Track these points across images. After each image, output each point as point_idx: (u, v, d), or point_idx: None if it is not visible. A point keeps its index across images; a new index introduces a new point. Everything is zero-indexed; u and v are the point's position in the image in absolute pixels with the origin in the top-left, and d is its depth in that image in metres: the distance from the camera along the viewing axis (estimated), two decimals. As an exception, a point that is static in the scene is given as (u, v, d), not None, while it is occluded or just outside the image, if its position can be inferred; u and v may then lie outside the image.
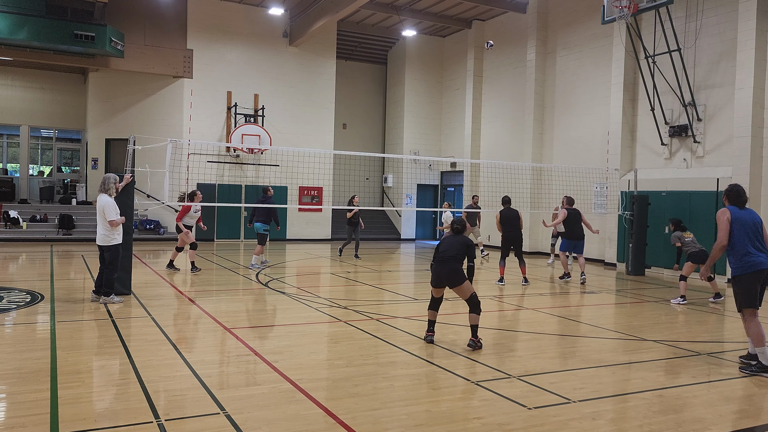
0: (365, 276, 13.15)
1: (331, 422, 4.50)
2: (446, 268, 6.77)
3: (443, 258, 6.83)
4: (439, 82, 24.96)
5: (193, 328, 7.89)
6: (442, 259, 6.84)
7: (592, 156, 17.67)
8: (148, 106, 21.03)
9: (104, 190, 8.88)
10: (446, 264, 6.79)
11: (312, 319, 8.59)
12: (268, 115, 21.49)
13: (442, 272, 6.80)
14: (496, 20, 21.68)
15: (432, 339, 6.95)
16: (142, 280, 11.24)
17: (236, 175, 21.33)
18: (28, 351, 6.28)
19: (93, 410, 4.69)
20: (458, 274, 6.75)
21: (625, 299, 11.25)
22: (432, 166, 24.88)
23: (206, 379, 5.44)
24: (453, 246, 6.86)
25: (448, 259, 6.79)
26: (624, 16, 13.86)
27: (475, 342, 6.72)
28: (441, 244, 7.02)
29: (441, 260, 6.85)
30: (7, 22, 16.97)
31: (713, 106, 14.49)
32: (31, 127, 25.48)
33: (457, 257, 6.79)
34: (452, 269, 6.75)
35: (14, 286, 10.43)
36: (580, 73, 18.33)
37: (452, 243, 6.90)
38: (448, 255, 6.81)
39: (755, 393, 5.72)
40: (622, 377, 6.01)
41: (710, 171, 14.46)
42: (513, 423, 4.60)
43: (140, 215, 20.09)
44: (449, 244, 6.90)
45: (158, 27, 20.33)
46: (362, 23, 23.09)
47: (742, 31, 13.47)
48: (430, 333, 7.00)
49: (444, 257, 6.83)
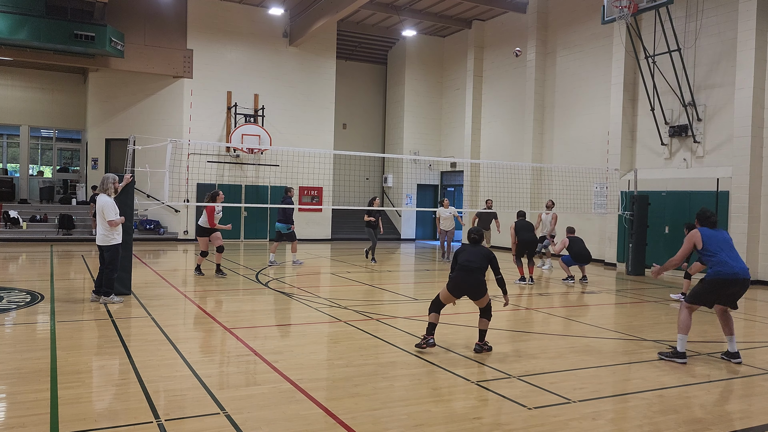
0: (365, 276, 13.14)
1: (331, 422, 4.50)
2: (473, 279, 6.51)
3: (468, 268, 6.53)
4: (439, 82, 24.96)
5: (193, 328, 7.89)
6: (468, 269, 6.53)
7: (592, 156, 17.67)
8: (148, 106, 21.03)
9: (103, 190, 8.90)
10: (472, 275, 6.51)
11: (312, 319, 8.59)
12: (268, 115, 21.49)
13: (468, 283, 6.52)
14: (496, 20, 21.68)
15: (433, 342, 6.58)
16: (142, 280, 11.24)
17: (236, 175, 21.33)
18: (28, 351, 6.28)
19: (93, 410, 4.69)
20: (483, 285, 6.55)
21: (625, 299, 11.26)
22: (432, 166, 24.88)
23: (206, 379, 5.44)
24: (476, 257, 6.58)
25: (474, 270, 6.52)
26: (624, 16, 13.85)
27: (482, 346, 6.58)
28: (461, 253, 6.70)
29: (466, 270, 6.54)
30: (7, 22, 16.97)
31: (713, 106, 14.48)
32: (31, 127, 25.49)
33: (482, 269, 6.57)
34: (479, 281, 6.52)
35: (14, 286, 10.43)
36: (580, 73, 18.32)
37: (474, 254, 6.62)
38: (473, 266, 6.52)
39: (755, 393, 5.73)
40: (622, 377, 6.01)
41: (710, 171, 14.46)
42: (513, 423, 4.60)
43: (140, 215, 20.09)
44: (472, 255, 6.61)
45: (158, 27, 20.33)
46: (362, 23, 23.10)
47: (742, 31, 13.47)
48: (430, 337, 6.59)
49: (469, 267, 6.53)
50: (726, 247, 6.43)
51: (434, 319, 6.67)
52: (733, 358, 6.55)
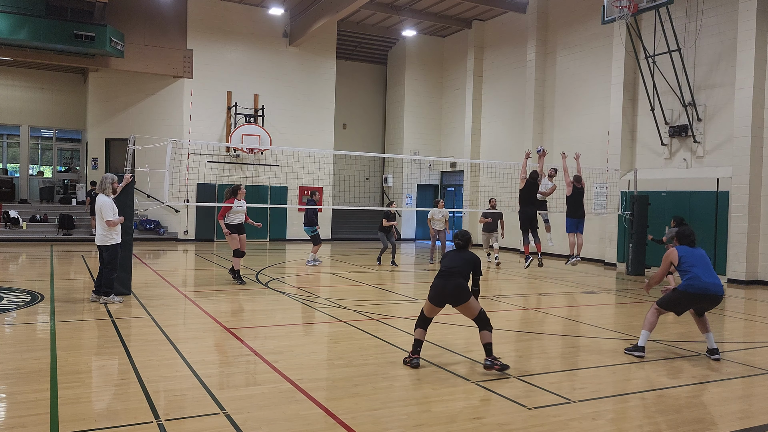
0: (365, 276, 13.15)
1: (331, 422, 4.50)
2: (451, 283, 6.00)
3: (448, 273, 6.08)
4: (439, 82, 24.95)
5: (193, 328, 7.88)
6: (447, 273, 6.08)
7: (592, 156, 17.65)
8: (148, 106, 21.02)
9: (101, 190, 8.92)
10: (451, 279, 6.03)
11: (312, 319, 8.60)
12: (268, 115, 21.49)
13: (447, 288, 6.01)
14: (496, 20, 21.68)
15: (418, 363, 6.02)
16: (142, 280, 11.24)
17: (236, 175, 21.32)
18: (28, 351, 6.28)
19: (93, 410, 4.69)
20: (464, 290, 6.00)
21: (625, 299, 11.26)
22: (432, 166, 24.88)
23: (206, 379, 5.44)
24: (458, 262, 6.15)
25: (454, 274, 6.05)
26: (624, 16, 13.85)
27: (493, 362, 5.89)
28: (444, 258, 6.34)
29: (445, 275, 6.09)
30: (7, 22, 16.97)
31: (713, 106, 14.48)
32: (31, 127, 25.48)
33: (462, 273, 6.09)
34: (457, 284, 6.00)
35: (14, 286, 10.43)
36: (580, 73, 18.32)
37: (457, 258, 6.20)
38: (453, 270, 6.08)
39: (755, 393, 5.73)
40: (622, 377, 6.01)
41: (710, 171, 14.46)
42: (513, 423, 4.60)
43: (140, 215, 20.08)
44: (454, 260, 6.20)
45: (158, 27, 20.33)
46: (362, 23, 23.09)
47: (742, 31, 13.47)
48: (415, 356, 6.05)
49: (449, 272, 6.08)
50: (701, 263, 6.63)
51: (420, 335, 6.16)
52: (711, 354, 6.66)
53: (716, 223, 14.13)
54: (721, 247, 13.94)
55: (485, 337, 5.96)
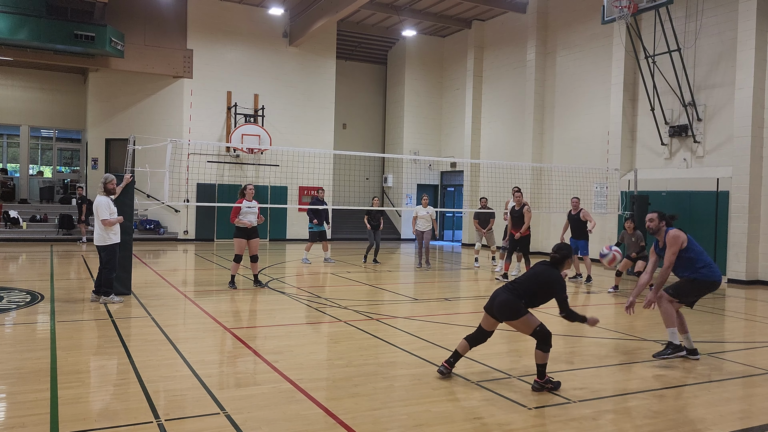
0: (365, 276, 13.14)
1: (331, 422, 4.50)
2: (499, 298, 5.47)
3: (511, 286, 5.54)
4: (439, 82, 24.96)
5: (193, 328, 7.88)
6: (509, 287, 5.54)
7: (592, 156, 17.67)
8: (148, 106, 21.03)
9: (99, 191, 8.99)
10: (502, 294, 5.48)
11: (312, 319, 8.60)
12: (268, 115, 21.49)
13: (494, 302, 5.50)
14: (496, 20, 21.68)
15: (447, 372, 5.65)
16: (142, 280, 11.24)
17: (236, 175, 21.33)
18: (28, 351, 6.28)
19: (93, 410, 4.68)
20: (510, 308, 5.37)
21: (625, 299, 11.23)
22: (432, 166, 24.88)
23: (206, 379, 5.44)
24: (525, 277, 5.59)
25: (512, 290, 5.47)
26: (624, 16, 13.85)
27: (542, 384, 5.32)
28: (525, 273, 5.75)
29: (506, 288, 5.55)
30: (7, 22, 16.97)
31: (713, 106, 14.49)
32: (31, 127, 25.50)
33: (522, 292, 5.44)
34: (504, 301, 5.42)
35: (14, 286, 10.43)
36: (580, 73, 18.33)
37: (529, 273, 5.63)
38: (515, 285, 5.53)
39: (755, 393, 5.73)
40: (622, 377, 6.01)
41: (710, 171, 14.46)
42: (513, 423, 4.60)
43: (140, 215, 20.09)
44: (527, 273, 5.64)
45: (158, 27, 20.33)
46: (362, 23, 23.09)
47: (742, 31, 13.47)
48: (447, 365, 5.65)
49: (512, 286, 5.54)
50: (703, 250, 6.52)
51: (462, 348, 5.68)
52: (692, 354, 6.55)
53: (716, 223, 14.13)
54: (721, 247, 13.94)
55: (539, 357, 5.35)
